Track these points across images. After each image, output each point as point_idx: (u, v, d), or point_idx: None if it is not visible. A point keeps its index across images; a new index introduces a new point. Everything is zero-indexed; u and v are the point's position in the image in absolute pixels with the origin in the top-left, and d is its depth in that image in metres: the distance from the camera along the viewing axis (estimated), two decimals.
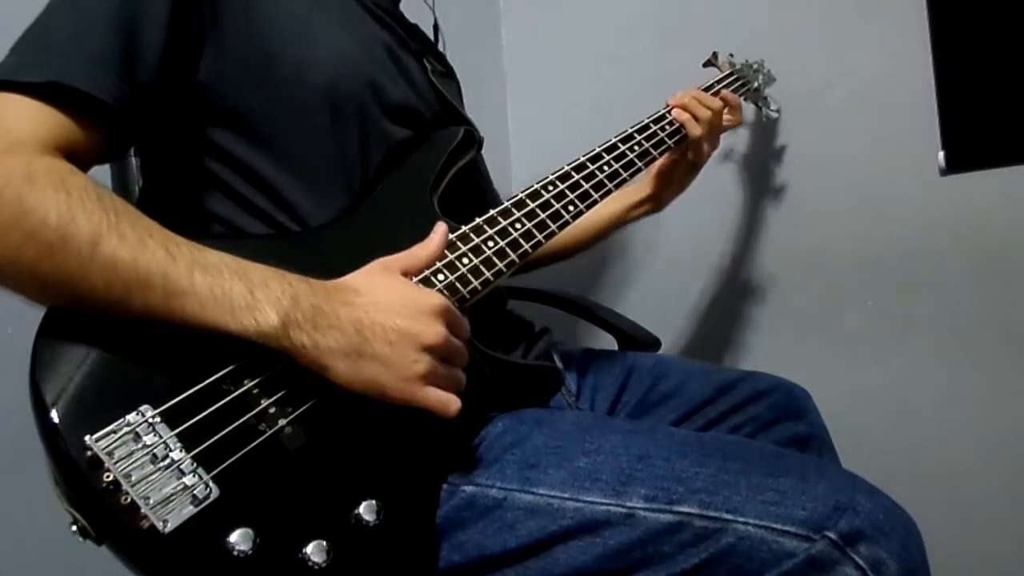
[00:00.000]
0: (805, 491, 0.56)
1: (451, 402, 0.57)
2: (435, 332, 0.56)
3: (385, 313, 0.56)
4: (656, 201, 1.08)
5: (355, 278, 0.59)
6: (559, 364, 0.89)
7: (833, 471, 0.62)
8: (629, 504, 0.57)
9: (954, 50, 1.09)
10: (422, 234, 0.64)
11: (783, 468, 0.59)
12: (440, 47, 1.00)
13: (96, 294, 0.52)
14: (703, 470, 0.58)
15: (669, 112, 0.98)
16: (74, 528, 0.50)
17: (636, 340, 1.09)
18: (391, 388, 0.55)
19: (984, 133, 1.08)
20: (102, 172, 0.85)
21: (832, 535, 0.54)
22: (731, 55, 1.19)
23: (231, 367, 0.55)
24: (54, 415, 0.49)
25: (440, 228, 0.64)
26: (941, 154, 1.11)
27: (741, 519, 0.55)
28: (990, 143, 1.08)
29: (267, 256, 0.58)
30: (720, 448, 0.61)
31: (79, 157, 0.59)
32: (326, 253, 0.68)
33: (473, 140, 0.83)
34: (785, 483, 0.57)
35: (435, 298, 0.58)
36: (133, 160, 0.92)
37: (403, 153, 0.76)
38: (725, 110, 1.04)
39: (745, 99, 1.17)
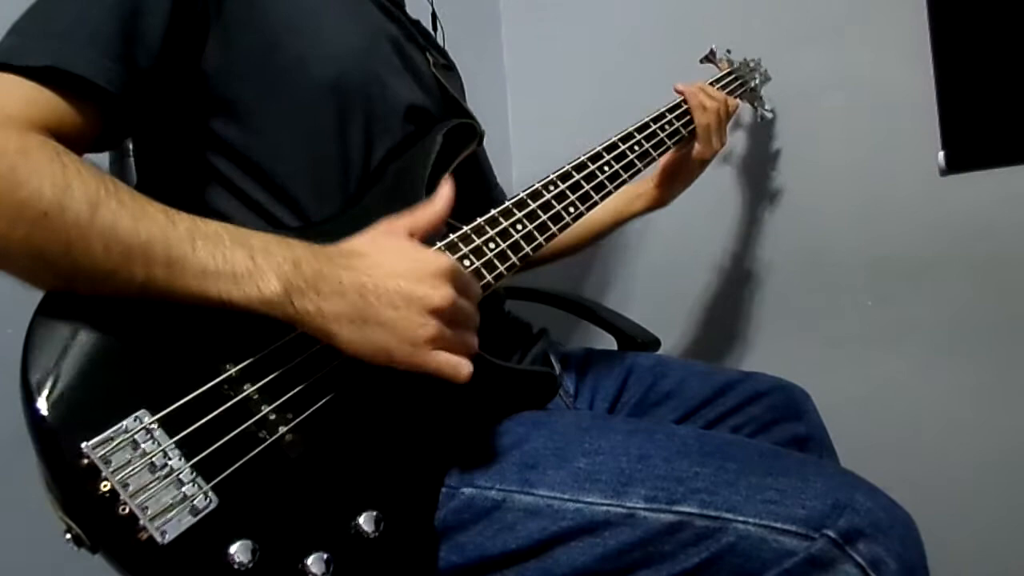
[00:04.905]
0: (804, 490, 0.56)
1: (461, 365, 0.55)
2: (441, 295, 0.55)
3: (389, 277, 0.54)
4: (661, 196, 1.08)
5: (358, 240, 0.58)
6: (557, 366, 0.89)
7: (832, 470, 0.62)
8: (629, 504, 0.57)
9: (954, 50, 1.09)
10: None
11: (783, 467, 0.59)
12: (439, 38, 0.99)
13: (95, 263, 0.50)
14: (703, 470, 0.58)
15: (682, 103, 0.99)
16: (68, 536, 0.48)
17: (636, 340, 1.09)
18: (398, 353, 0.54)
19: (984, 133, 1.08)
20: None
21: (831, 533, 0.54)
22: (728, 51, 1.19)
23: (231, 371, 0.54)
24: (48, 420, 0.47)
25: (445, 187, 0.62)
26: (941, 154, 1.11)
27: (741, 518, 0.55)
28: (990, 143, 1.07)
29: None
30: (720, 448, 0.61)
31: (73, 141, 0.57)
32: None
33: (475, 133, 0.82)
34: (785, 482, 0.57)
35: (441, 259, 0.56)
36: (132, 160, 0.92)
37: (405, 148, 0.75)
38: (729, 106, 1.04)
39: (741, 99, 1.17)
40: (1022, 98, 1.04)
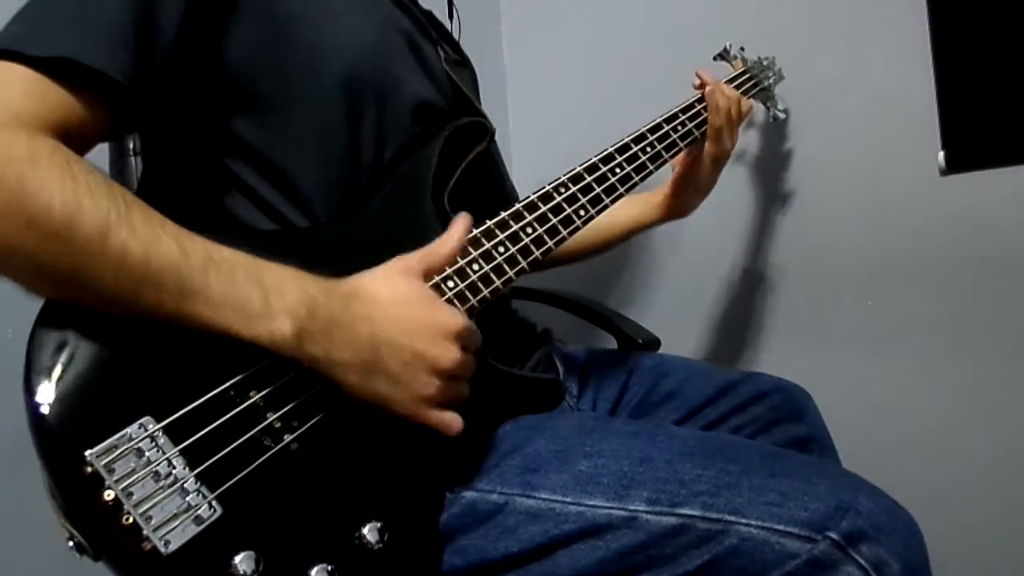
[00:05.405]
0: (807, 492, 0.56)
1: (454, 422, 0.57)
2: (450, 357, 0.56)
3: (404, 333, 0.55)
4: (679, 205, 1.05)
5: (376, 285, 0.57)
6: (561, 369, 0.89)
7: (834, 472, 0.62)
8: (631, 507, 0.57)
9: (954, 50, 1.08)
10: (431, 231, 0.63)
11: (785, 469, 0.59)
12: (455, 28, 0.97)
13: (103, 288, 0.49)
14: (705, 472, 0.58)
15: (695, 103, 0.97)
16: (70, 543, 0.48)
17: (636, 340, 1.09)
18: (398, 405, 0.56)
19: (984, 133, 1.08)
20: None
21: (834, 535, 0.54)
22: (742, 49, 1.18)
23: (237, 378, 0.53)
24: (51, 426, 0.46)
25: (459, 221, 0.62)
26: (941, 154, 1.10)
27: (744, 520, 0.55)
28: (990, 143, 1.07)
29: (273, 251, 0.55)
30: (722, 449, 0.61)
31: (80, 136, 0.55)
32: (332, 250, 0.66)
33: (485, 132, 0.81)
34: (787, 484, 0.57)
35: (456, 320, 0.57)
36: (133, 159, 0.91)
37: (416, 146, 0.74)
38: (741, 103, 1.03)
39: (755, 98, 1.16)
40: (1022, 98, 1.04)
